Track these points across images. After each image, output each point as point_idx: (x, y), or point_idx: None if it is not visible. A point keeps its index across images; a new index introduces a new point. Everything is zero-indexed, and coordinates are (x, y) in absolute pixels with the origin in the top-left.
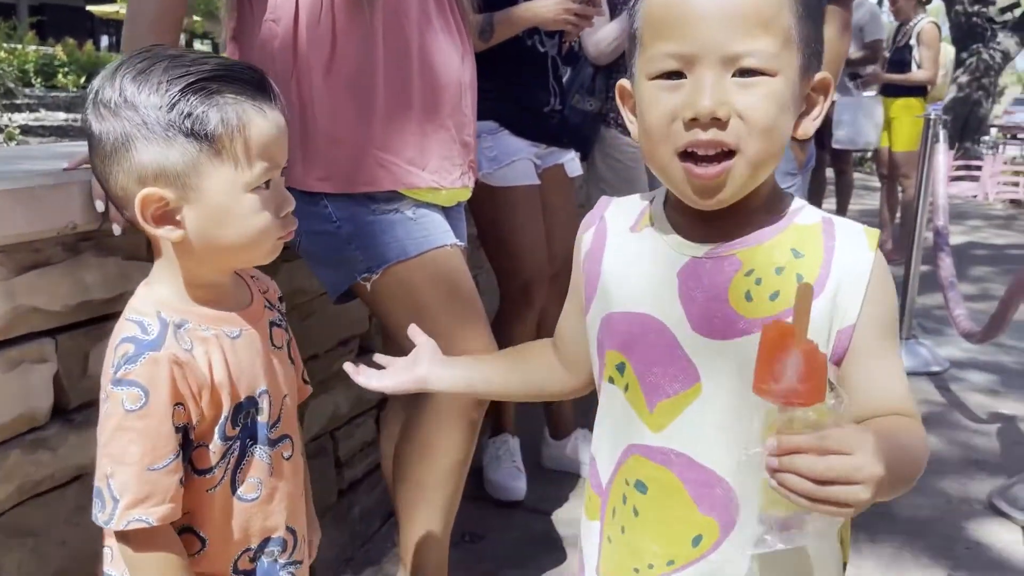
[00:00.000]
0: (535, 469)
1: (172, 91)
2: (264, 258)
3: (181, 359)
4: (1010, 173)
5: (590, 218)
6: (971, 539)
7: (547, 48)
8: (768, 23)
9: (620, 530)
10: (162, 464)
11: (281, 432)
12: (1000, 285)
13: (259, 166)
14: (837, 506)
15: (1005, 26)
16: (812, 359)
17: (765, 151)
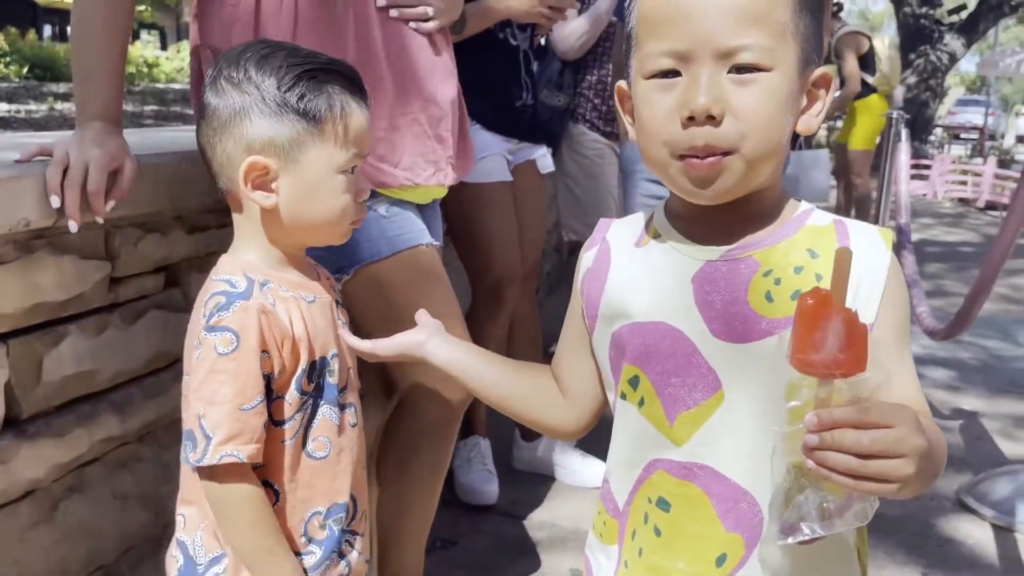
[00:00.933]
0: (506, 471)
1: (290, 75)
2: (338, 238)
3: (267, 309)
4: (958, 172)
5: (592, 240)
6: (942, 536)
7: (519, 42)
8: (762, 16)
9: (638, 552)
10: (251, 404)
11: (347, 399)
12: (953, 282)
13: (351, 151)
14: (881, 483)
15: (952, 28)
16: (853, 327)
17: (762, 148)
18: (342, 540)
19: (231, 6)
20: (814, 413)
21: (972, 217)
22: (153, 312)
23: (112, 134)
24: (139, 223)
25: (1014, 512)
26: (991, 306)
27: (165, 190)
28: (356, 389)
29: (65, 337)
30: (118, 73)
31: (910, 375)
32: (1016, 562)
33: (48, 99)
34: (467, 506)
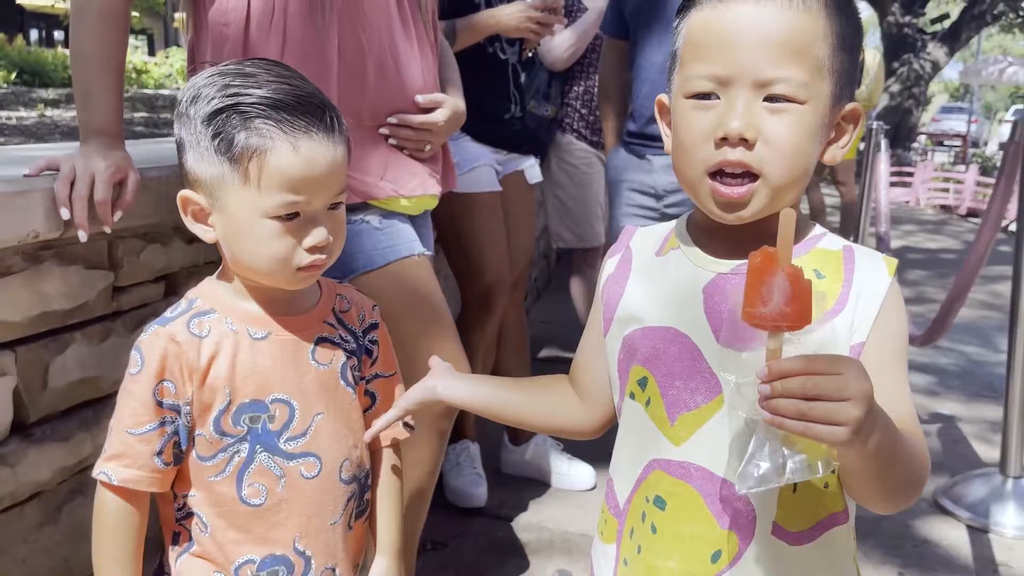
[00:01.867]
0: (495, 475)
1: (215, 108)
2: (287, 284)
3: (179, 339)
4: (940, 180)
5: (616, 246)
6: (919, 537)
7: (508, 55)
8: (801, 53)
9: (636, 550)
10: (139, 430)
11: (306, 448)
12: (933, 288)
13: (278, 196)
14: (830, 425)
15: (935, 37)
16: (797, 282)
17: (788, 176)
18: None
19: (222, 25)
20: (765, 364)
21: (954, 224)
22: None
23: (115, 147)
24: (141, 234)
25: (988, 514)
26: (971, 312)
27: (165, 202)
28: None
29: (70, 344)
30: (117, 89)
31: (902, 393)
32: (990, 562)
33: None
34: (457, 509)
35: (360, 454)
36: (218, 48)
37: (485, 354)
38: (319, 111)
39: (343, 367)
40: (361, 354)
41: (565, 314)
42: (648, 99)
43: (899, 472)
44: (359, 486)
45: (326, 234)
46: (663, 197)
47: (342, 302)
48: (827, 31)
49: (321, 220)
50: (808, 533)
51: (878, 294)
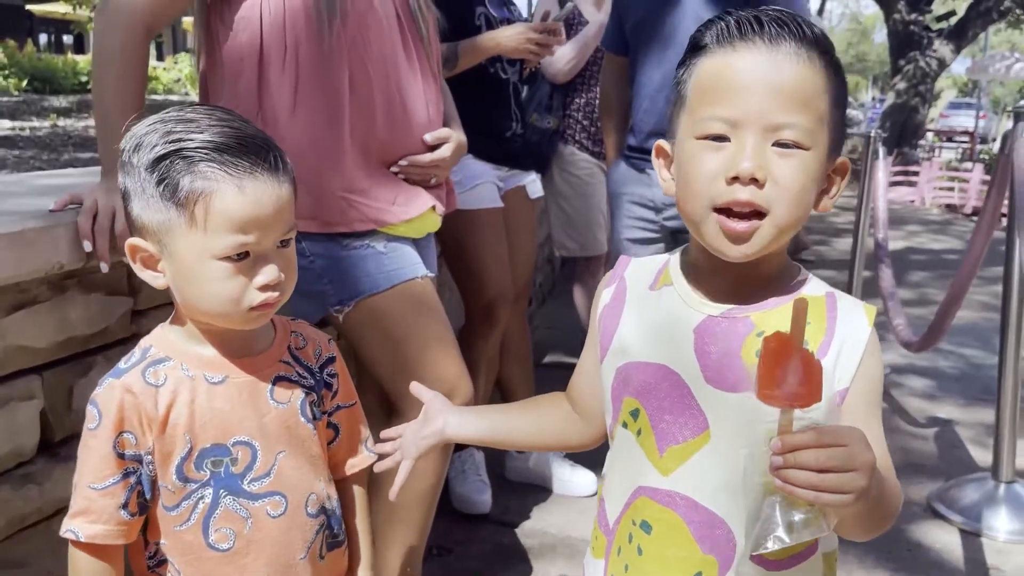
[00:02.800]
0: (499, 482)
1: (157, 155)
2: (240, 324)
3: (135, 390)
4: (945, 179)
5: (611, 277)
6: (912, 540)
7: (509, 75)
8: (808, 102)
9: (624, 568)
10: (101, 485)
11: (270, 488)
12: (937, 290)
13: (227, 238)
14: (837, 494)
15: (941, 34)
16: (809, 365)
17: (792, 216)
18: None
19: (237, 60)
20: (778, 438)
21: (958, 224)
22: None
23: None
24: None
25: (981, 518)
26: (972, 314)
27: None
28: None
29: (93, 367)
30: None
31: (877, 437)
32: (981, 565)
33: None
34: (462, 515)
35: (324, 487)
36: (233, 83)
37: (488, 365)
38: (263, 151)
39: (302, 404)
40: (320, 389)
41: (568, 321)
42: (648, 114)
43: (880, 513)
44: (327, 517)
45: (277, 272)
46: (662, 210)
47: (297, 339)
48: (827, 86)
49: (271, 258)
50: (787, 562)
51: (860, 343)
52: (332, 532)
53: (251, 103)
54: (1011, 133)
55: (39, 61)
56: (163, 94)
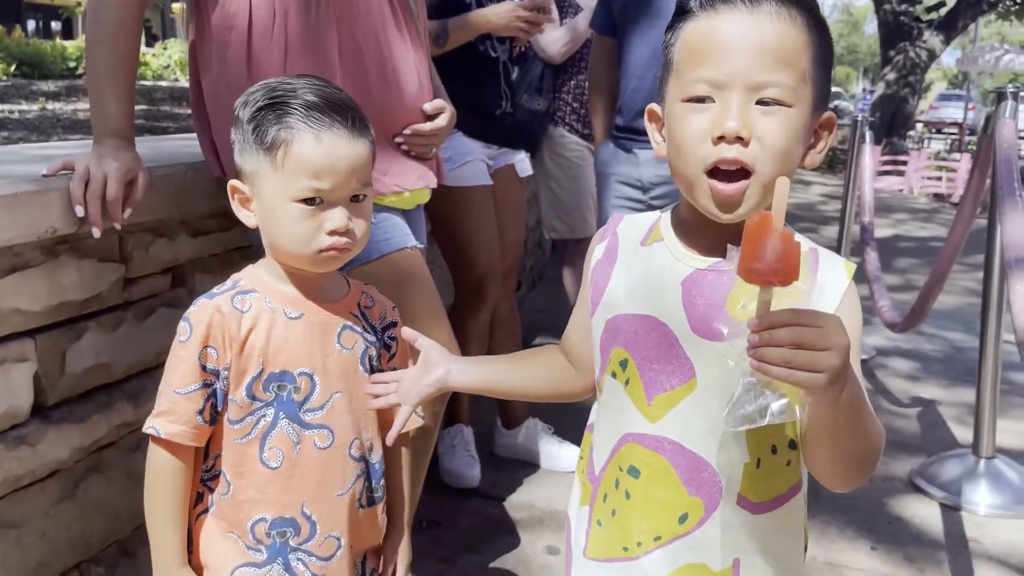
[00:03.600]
0: (488, 458)
1: (256, 108)
2: (311, 265)
3: (223, 310)
4: (933, 168)
5: (603, 232)
6: (892, 514)
7: (498, 53)
8: (790, 61)
9: (611, 513)
10: (184, 390)
11: (322, 421)
12: (922, 276)
13: (302, 182)
14: (811, 372)
15: (931, 25)
16: (788, 242)
17: (777, 172)
18: (288, 554)
19: (225, 30)
20: (756, 316)
21: (945, 213)
22: (162, 310)
23: (126, 148)
24: (149, 228)
25: (961, 492)
26: (956, 299)
27: (173, 198)
28: (348, 416)
29: (85, 332)
30: (129, 94)
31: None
32: (961, 538)
33: (39, 99)
34: (451, 489)
35: (372, 438)
36: (221, 54)
37: (478, 343)
38: (345, 111)
39: (363, 354)
40: (380, 347)
41: (558, 303)
42: (636, 93)
43: (858, 439)
44: (367, 468)
45: (346, 219)
46: (649, 189)
47: (367, 299)
48: (809, 44)
49: (343, 208)
50: (769, 504)
51: (837, 294)
52: (371, 486)
53: (240, 73)
54: (994, 114)
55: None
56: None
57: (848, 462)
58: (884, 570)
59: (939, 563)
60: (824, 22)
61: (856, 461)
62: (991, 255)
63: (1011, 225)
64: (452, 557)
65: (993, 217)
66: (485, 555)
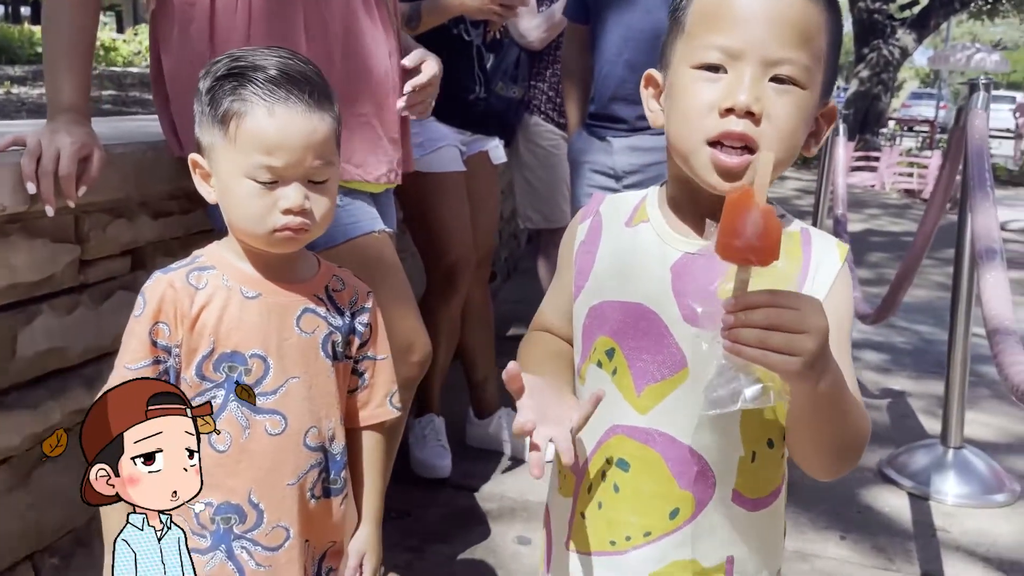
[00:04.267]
0: (459, 447)
1: (214, 77)
2: (267, 245)
3: (176, 285)
4: (905, 164)
5: (585, 211)
6: (863, 503)
7: (472, 37)
8: (809, 39)
9: (597, 506)
10: (135, 365)
11: (274, 406)
12: (894, 270)
13: (255, 158)
14: (786, 355)
15: (904, 23)
16: (769, 220)
17: (783, 153)
18: (232, 542)
19: (187, 5)
20: (732, 296)
21: (917, 208)
22: (120, 293)
23: (81, 124)
24: (107, 208)
25: (929, 482)
26: (927, 293)
27: (132, 177)
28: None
29: (38, 315)
30: (85, 69)
31: (846, 368)
32: (929, 528)
33: (4, 83)
34: (421, 480)
35: (333, 427)
36: (184, 29)
37: (450, 332)
38: (303, 84)
39: (324, 339)
40: (347, 333)
41: (534, 294)
42: (608, 79)
43: (843, 427)
44: (326, 457)
45: (302, 197)
46: (622, 178)
47: (336, 282)
48: (827, 25)
49: (299, 185)
50: (764, 500)
51: (830, 275)
52: (329, 477)
53: (202, 50)
54: (966, 105)
55: None
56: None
57: (831, 451)
58: (853, 559)
59: (908, 552)
60: (839, 5)
61: (840, 450)
62: (961, 248)
63: (981, 216)
64: (421, 548)
65: (963, 211)
66: (455, 546)
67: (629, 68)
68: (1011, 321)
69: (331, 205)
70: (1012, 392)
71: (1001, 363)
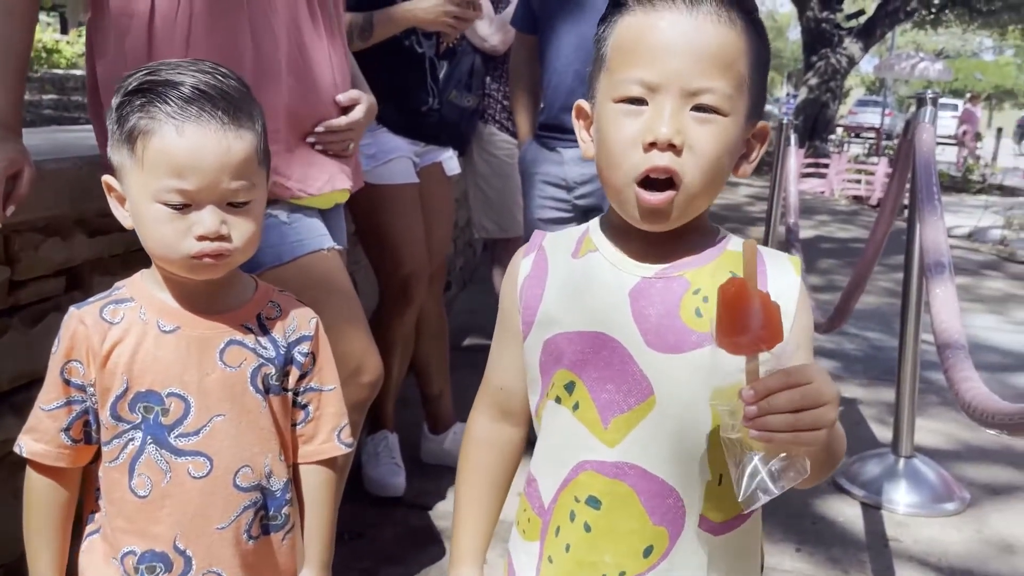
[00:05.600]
0: (413, 464)
1: (125, 92)
2: (185, 271)
3: (87, 322)
4: (853, 171)
5: (528, 247)
6: (816, 514)
7: (424, 48)
8: (728, 67)
9: (564, 548)
10: (48, 406)
11: (197, 447)
12: (844, 276)
13: (163, 180)
14: (812, 431)
15: (851, 32)
16: (768, 305)
17: (706, 184)
18: None
19: (125, 17)
20: (749, 386)
21: (865, 214)
22: (54, 315)
23: (10, 140)
24: (40, 227)
25: (881, 491)
26: (875, 300)
27: (66, 194)
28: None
29: None
30: (16, 83)
31: None
32: (882, 537)
33: None
34: (375, 499)
35: (270, 464)
36: (120, 39)
37: (404, 345)
38: (219, 101)
39: (253, 372)
40: (283, 364)
41: (488, 303)
42: (557, 90)
43: (830, 458)
44: (263, 496)
45: (216, 223)
46: (573, 188)
47: (272, 308)
48: (747, 49)
49: (213, 208)
50: (729, 523)
51: (793, 297)
52: (268, 514)
53: (139, 61)
54: (913, 119)
55: None
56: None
57: (820, 474)
58: (809, 571)
59: (862, 563)
60: (763, 27)
61: (821, 475)
62: (910, 260)
63: (930, 230)
64: (374, 570)
65: (912, 222)
66: (410, 567)
67: (579, 79)
68: (960, 335)
69: (255, 228)
70: (964, 409)
71: (952, 379)
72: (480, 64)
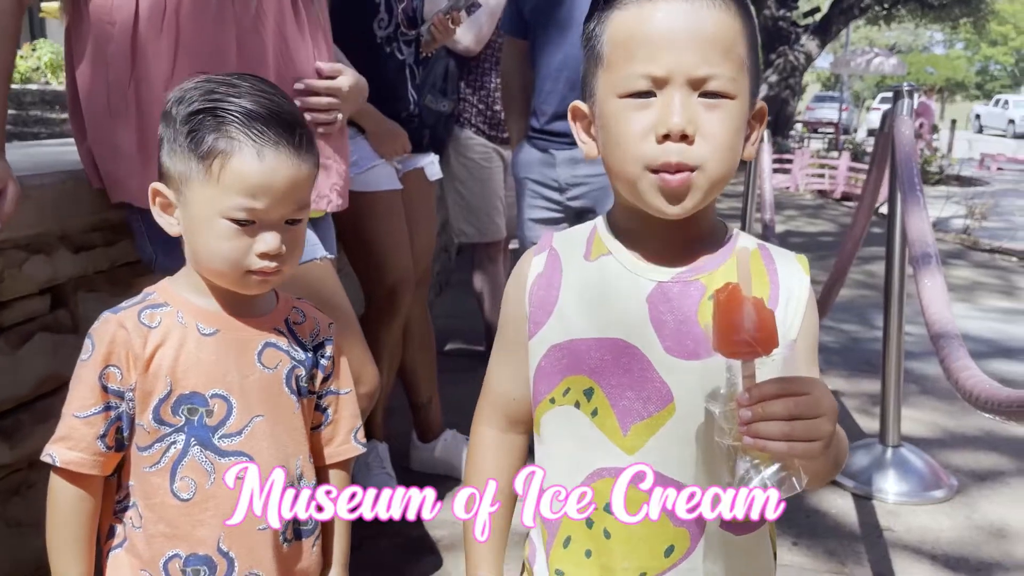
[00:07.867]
0: (404, 473)
1: (194, 109)
2: (237, 287)
3: (127, 326)
4: (817, 166)
5: (538, 247)
6: (809, 507)
7: (405, 56)
8: (728, 50)
9: (585, 554)
10: (84, 413)
11: (240, 447)
12: (815, 271)
13: (237, 199)
14: (808, 442)
15: (807, 29)
16: (761, 310)
17: (724, 169)
18: None
19: (107, 24)
20: (744, 391)
21: (830, 208)
22: (40, 335)
23: None
24: (23, 245)
25: (871, 481)
26: (850, 292)
27: (49, 210)
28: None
29: None
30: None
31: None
32: (875, 527)
33: None
34: None
35: (301, 465)
36: (101, 47)
37: (391, 354)
38: (291, 127)
39: (288, 374)
40: (310, 367)
41: (468, 308)
42: (551, 95)
43: (832, 464)
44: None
45: (278, 243)
46: (566, 190)
47: (296, 315)
48: (742, 30)
49: (276, 230)
50: (750, 524)
51: (803, 297)
52: (298, 518)
53: (122, 69)
54: (891, 112)
55: None
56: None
57: (824, 480)
58: (808, 565)
59: (858, 554)
60: (750, 7)
61: (829, 474)
62: (891, 251)
63: (915, 221)
64: None
65: (892, 214)
66: None
67: (570, 86)
68: (952, 325)
69: (300, 248)
70: (965, 398)
71: (949, 368)
72: (455, 68)
